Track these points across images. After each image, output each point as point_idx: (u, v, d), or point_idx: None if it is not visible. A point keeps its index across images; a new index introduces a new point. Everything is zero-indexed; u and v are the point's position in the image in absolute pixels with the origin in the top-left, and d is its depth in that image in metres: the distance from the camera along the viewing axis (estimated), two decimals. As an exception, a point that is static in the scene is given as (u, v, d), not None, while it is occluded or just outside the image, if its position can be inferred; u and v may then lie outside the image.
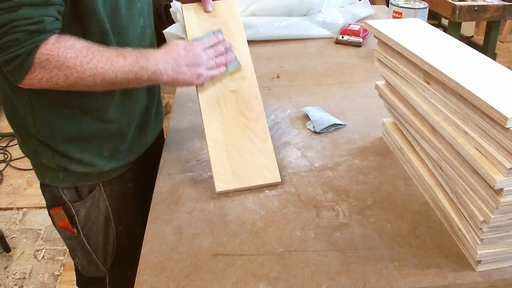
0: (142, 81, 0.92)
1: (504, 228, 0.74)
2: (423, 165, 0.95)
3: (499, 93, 0.71)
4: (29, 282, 2.02)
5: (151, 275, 0.79)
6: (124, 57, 0.89)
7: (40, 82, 0.83)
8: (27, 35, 0.78)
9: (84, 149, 1.02)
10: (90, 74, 0.85)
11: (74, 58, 0.82)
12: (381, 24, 1.02)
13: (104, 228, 1.14)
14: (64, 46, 0.82)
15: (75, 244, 1.15)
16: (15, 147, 2.97)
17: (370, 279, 0.77)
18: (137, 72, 0.90)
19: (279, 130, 1.19)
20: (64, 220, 1.10)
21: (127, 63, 0.88)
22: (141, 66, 0.90)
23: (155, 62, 0.92)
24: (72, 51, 0.82)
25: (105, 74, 0.86)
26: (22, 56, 0.79)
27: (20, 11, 0.77)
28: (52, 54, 0.80)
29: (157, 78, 0.93)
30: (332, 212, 0.91)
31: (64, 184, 1.07)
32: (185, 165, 1.07)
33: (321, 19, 1.82)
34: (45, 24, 0.79)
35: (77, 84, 0.86)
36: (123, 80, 0.89)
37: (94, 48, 0.86)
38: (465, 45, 0.91)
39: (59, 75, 0.83)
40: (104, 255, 1.18)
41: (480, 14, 2.26)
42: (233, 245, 0.84)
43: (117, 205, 1.13)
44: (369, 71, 1.50)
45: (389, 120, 1.11)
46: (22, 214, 2.40)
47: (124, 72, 0.88)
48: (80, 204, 1.09)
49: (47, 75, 0.82)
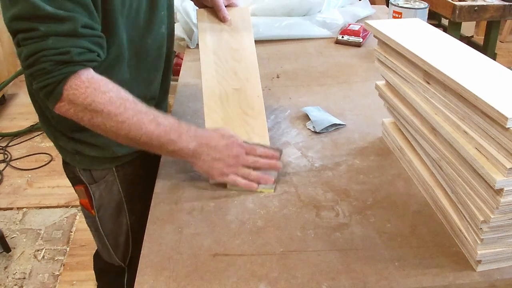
0: (166, 151, 0.92)
1: (504, 228, 0.74)
2: (423, 165, 0.95)
3: (499, 93, 0.71)
4: (29, 282, 2.02)
5: (151, 275, 0.79)
6: (157, 124, 0.88)
7: (67, 113, 0.84)
8: (55, 65, 0.79)
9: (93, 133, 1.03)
10: (114, 126, 0.85)
11: (103, 104, 0.82)
12: (381, 24, 1.02)
13: (116, 214, 1.16)
14: (95, 88, 0.82)
15: (91, 225, 1.19)
16: (15, 147, 2.97)
17: (370, 279, 0.77)
18: (163, 143, 0.89)
19: (279, 130, 1.19)
20: (85, 198, 1.13)
21: (156, 132, 0.88)
22: (170, 139, 0.89)
23: (187, 140, 0.91)
24: (104, 97, 0.83)
25: (129, 132, 0.86)
26: (51, 85, 0.80)
27: (48, 40, 0.78)
28: (81, 91, 0.81)
29: (181, 155, 0.92)
30: (332, 212, 0.91)
31: (80, 166, 1.10)
32: (185, 165, 1.06)
33: (321, 19, 1.82)
34: (72, 54, 0.79)
35: (99, 128, 0.86)
36: (147, 143, 0.89)
37: (130, 104, 0.86)
38: (465, 45, 0.91)
39: (85, 113, 0.83)
40: (115, 243, 1.20)
41: (480, 14, 2.26)
42: (233, 245, 0.84)
43: (129, 191, 1.15)
44: (369, 71, 1.50)
45: (389, 120, 1.11)
46: (22, 214, 2.40)
47: (149, 137, 0.87)
48: (95, 186, 1.12)
49: (73, 109, 0.83)
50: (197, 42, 1.69)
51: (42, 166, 2.75)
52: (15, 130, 3.08)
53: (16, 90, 3.57)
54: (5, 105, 3.45)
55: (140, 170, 1.17)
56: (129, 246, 1.21)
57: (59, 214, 2.37)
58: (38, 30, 0.77)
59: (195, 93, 1.35)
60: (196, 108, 1.29)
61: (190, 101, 1.34)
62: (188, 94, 1.37)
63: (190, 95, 1.35)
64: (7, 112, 3.38)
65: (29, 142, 2.99)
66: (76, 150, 1.07)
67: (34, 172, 2.73)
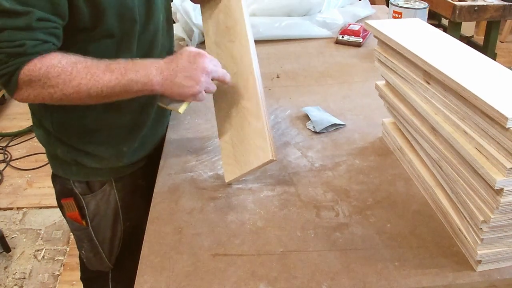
0: (133, 92, 0.91)
1: (504, 228, 0.74)
2: (423, 165, 0.95)
3: (499, 93, 0.71)
4: (29, 282, 2.02)
5: (151, 275, 0.79)
6: (111, 71, 0.88)
7: (29, 98, 0.86)
8: (8, 57, 0.81)
9: (99, 142, 1.04)
10: (73, 91, 0.86)
11: (56, 77, 0.84)
12: (381, 24, 1.02)
13: (113, 223, 1.16)
14: (47, 65, 0.83)
15: (83, 236, 1.17)
16: (15, 147, 2.97)
17: (370, 279, 0.77)
18: (125, 85, 0.89)
19: (279, 130, 1.19)
20: (74, 211, 1.12)
21: (113, 78, 0.88)
22: (129, 78, 0.89)
23: (145, 73, 0.90)
24: (55, 70, 0.84)
25: (89, 91, 0.87)
26: (7, 75, 0.82)
27: (3, 33, 0.79)
28: (34, 74, 0.83)
29: (149, 88, 0.91)
30: (332, 212, 0.91)
31: (76, 178, 1.10)
32: (185, 165, 1.07)
33: (321, 19, 1.82)
34: (26, 47, 0.81)
35: (63, 100, 0.87)
36: (112, 93, 0.89)
37: (81, 64, 0.86)
38: (465, 45, 0.91)
39: (44, 93, 0.85)
40: (110, 249, 1.20)
41: (480, 14, 2.26)
42: (233, 245, 0.84)
43: (126, 201, 1.15)
44: (369, 71, 1.50)
45: (389, 120, 1.11)
46: (22, 214, 2.40)
47: (110, 86, 0.88)
48: (91, 196, 1.11)
49: (33, 93, 0.85)
50: (197, 42, 1.69)
51: (42, 166, 2.74)
52: (15, 130, 3.08)
53: (16, 90, 3.57)
54: (5, 105, 3.45)
55: (139, 180, 1.16)
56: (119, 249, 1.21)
57: (59, 214, 2.36)
58: None
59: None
60: (196, 108, 1.29)
61: (190, 101, 1.34)
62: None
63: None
64: (7, 112, 3.38)
65: (29, 142, 2.99)
66: (76, 161, 1.06)
67: (34, 172, 2.73)
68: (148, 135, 1.12)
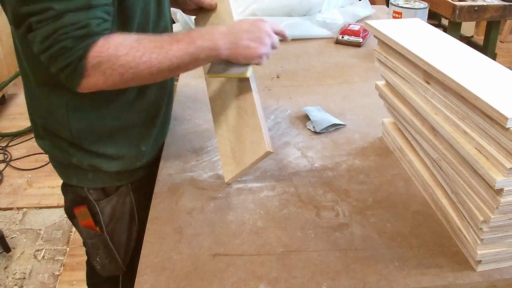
0: (201, 60, 0.90)
1: (504, 228, 0.74)
2: (423, 165, 0.95)
3: (499, 93, 0.71)
4: (29, 282, 2.02)
5: (151, 275, 0.79)
6: (177, 41, 0.87)
7: (97, 84, 0.83)
8: (75, 41, 0.77)
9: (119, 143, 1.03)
10: (144, 68, 0.84)
11: (125, 55, 0.81)
12: (381, 24, 1.02)
13: (128, 225, 1.14)
14: (114, 44, 0.81)
15: (98, 243, 1.15)
16: (15, 147, 2.97)
17: (370, 279, 0.77)
18: (193, 53, 0.88)
19: (279, 130, 1.19)
20: (88, 219, 1.10)
21: (181, 47, 0.87)
22: (197, 45, 0.88)
23: (211, 38, 0.89)
24: (123, 48, 0.81)
25: (160, 64, 0.85)
26: (74, 63, 0.78)
27: (64, 18, 0.76)
28: (103, 55, 0.79)
29: (216, 53, 0.90)
30: (332, 212, 0.91)
31: (92, 185, 1.07)
32: (185, 165, 1.07)
33: (321, 19, 1.82)
34: (92, 27, 0.78)
35: (134, 80, 0.85)
36: (181, 64, 0.88)
37: (146, 40, 0.85)
38: (465, 45, 0.91)
39: (114, 74, 0.82)
40: (126, 252, 1.17)
41: (480, 14, 2.26)
42: (233, 245, 0.84)
43: (142, 201, 1.13)
44: (369, 71, 1.50)
45: (389, 120, 1.11)
46: (22, 214, 2.40)
47: (179, 56, 0.86)
48: (106, 201, 1.09)
49: (102, 77, 0.82)
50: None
51: (42, 166, 2.74)
52: (15, 130, 3.08)
53: (16, 90, 3.57)
54: (5, 105, 3.45)
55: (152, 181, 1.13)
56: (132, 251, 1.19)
57: (59, 214, 2.37)
58: (52, 9, 0.76)
59: (195, 93, 1.35)
60: (196, 108, 1.29)
61: (190, 101, 1.34)
62: (188, 94, 1.37)
63: (190, 95, 1.35)
64: (7, 112, 3.38)
65: (29, 142, 2.99)
66: (94, 167, 1.03)
67: (34, 172, 2.73)
68: (160, 132, 1.12)
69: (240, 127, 1.00)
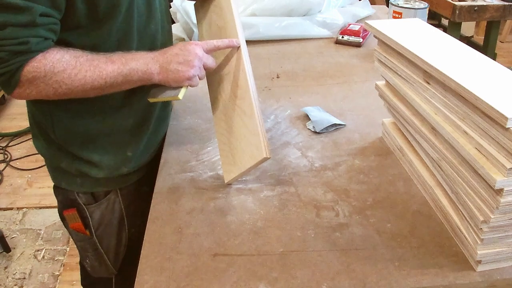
0: (134, 82, 0.93)
1: (504, 228, 0.74)
2: (423, 165, 0.95)
3: (499, 93, 0.71)
4: (29, 282, 2.02)
5: (151, 275, 0.79)
6: (112, 62, 0.89)
7: (29, 95, 0.85)
8: (11, 55, 0.79)
9: (103, 149, 1.03)
10: (78, 85, 0.86)
11: (62, 71, 0.84)
12: (381, 24, 1.02)
13: (117, 231, 1.15)
14: (52, 61, 0.83)
15: (87, 246, 1.16)
16: (15, 147, 2.97)
17: (370, 279, 0.77)
18: (126, 74, 0.90)
19: (279, 130, 1.19)
20: (77, 222, 1.11)
21: (115, 68, 0.89)
22: (130, 67, 0.91)
23: (144, 62, 0.92)
24: (60, 65, 0.84)
25: (94, 82, 0.87)
26: (9, 73, 0.80)
27: (5, 30, 0.77)
28: (39, 71, 0.82)
29: (148, 77, 0.93)
30: (332, 212, 0.91)
31: (80, 189, 1.08)
32: (185, 165, 1.07)
33: (321, 19, 1.82)
34: (31, 45, 0.80)
35: (66, 95, 0.87)
36: (114, 83, 0.90)
37: (83, 58, 0.87)
38: (465, 45, 0.91)
39: (47, 89, 0.84)
40: (115, 256, 1.18)
41: (480, 14, 2.26)
42: (233, 245, 0.84)
43: (131, 208, 1.14)
44: (369, 71, 1.50)
45: (389, 120, 1.11)
46: (22, 214, 2.40)
47: (112, 77, 0.89)
48: (95, 206, 1.10)
49: (35, 89, 0.84)
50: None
51: (42, 166, 2.74)
52: (15, 130, 3.08)
53: (16, 90, 3.57)
54: (5, 105, 3.45)
55: (144, 187, 1.15)
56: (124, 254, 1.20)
57: (59, 214, 2.37)
58: None
59: (195, 93, 1.35)
60: (196, 108, 1.29)
61: (190, 101, 1.34)
62: (188, 94, 1.37)
63: (190, 95, 1.35)
64: (7, 112, 3.38)
65: (29, 142, 2.99)
66: (81, 172, 1.04)
67: (34, 172, 2.73)
68: (151, 139, 1.12)
69: (239, 128, 1.00)
